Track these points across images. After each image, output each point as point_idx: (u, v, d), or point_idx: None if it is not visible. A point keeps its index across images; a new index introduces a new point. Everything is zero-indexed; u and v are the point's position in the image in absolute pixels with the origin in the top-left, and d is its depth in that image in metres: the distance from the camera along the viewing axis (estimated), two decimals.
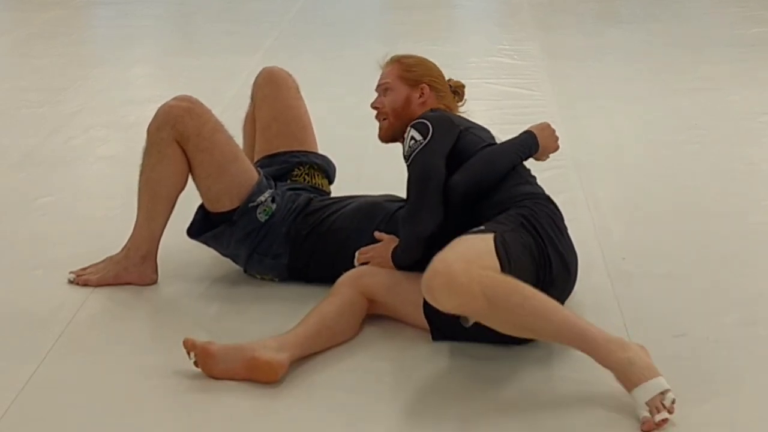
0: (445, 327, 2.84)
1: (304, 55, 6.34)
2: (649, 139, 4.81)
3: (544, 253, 2.83)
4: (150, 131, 3.20)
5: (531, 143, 3.10)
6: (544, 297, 2.60)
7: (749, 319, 3.07)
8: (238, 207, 3.21)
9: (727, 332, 2.98)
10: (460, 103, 3.31)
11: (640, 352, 2.56)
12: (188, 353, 2.71)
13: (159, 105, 3.22)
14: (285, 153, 3.50)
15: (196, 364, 2.71)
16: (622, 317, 3.05)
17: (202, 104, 3.23)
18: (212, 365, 2.69)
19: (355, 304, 2.93)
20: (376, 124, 3.26)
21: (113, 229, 3.63)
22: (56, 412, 2.58)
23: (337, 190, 3.56)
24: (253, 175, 3.25)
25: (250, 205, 3.21)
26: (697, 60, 6.21)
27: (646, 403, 2.48)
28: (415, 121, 3.05)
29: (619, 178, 4.29)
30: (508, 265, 2.68)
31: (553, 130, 3.20)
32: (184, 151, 3.18)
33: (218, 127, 3.21)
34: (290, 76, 3.63)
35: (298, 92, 3.62)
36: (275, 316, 3.01)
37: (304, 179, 3.49)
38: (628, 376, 2.52)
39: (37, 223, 3.80)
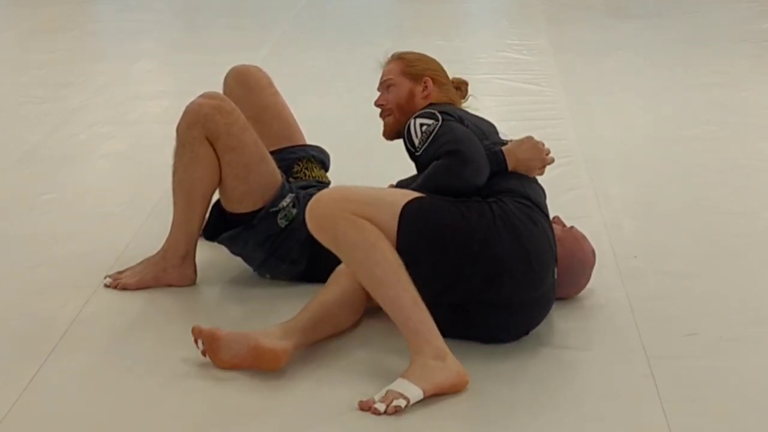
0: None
1: (311, 49, 6.33)
2: (661, 135, 4.77)
3: (492, 239, 2.72)
4: (180, 130, 3.11)
5: (493, 162, 2.89)
6: (391, 269, 2.64)
7: (761, 318, 3.04)
8: (259, 210, 3.14)
9: (739, 331, 2.96)
10: (463, 100, 3.28)
11: (441, 372, 2.58)
12: (196, 341, 2.69)
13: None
14: (281, 150, 3.44)
15: (204, 353, 2.69)
16: (633, 316, 3.03)
17: (230, 101, 3.14)
18: (218, 351, 2.67)
19: (355, 292, 2.88)
20: None
21: (117, 226, 3.62)
22: (60, 411, 2.56)
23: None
24: (277, 177, 3.18)
25: (272, 210, 3.14)
26: (708, 55, 6.18)
27: (388, 390, 2.54)
28: (419, 112, 3.00)
29: (630, 174, 4.26)
30: (402, 230, 2.69)
31: (536, 142, 2.97)
32: (213, 149, 3.11)
33: (246, 126, 3.12)
34: (260, 70, 3.55)
35: (272, 86, 3.54)
36: (284, 316, 2.96)
37: (305, 174, 3.45)
38: (410, 369, 2.59)
39: (40, 220, 3.77)
